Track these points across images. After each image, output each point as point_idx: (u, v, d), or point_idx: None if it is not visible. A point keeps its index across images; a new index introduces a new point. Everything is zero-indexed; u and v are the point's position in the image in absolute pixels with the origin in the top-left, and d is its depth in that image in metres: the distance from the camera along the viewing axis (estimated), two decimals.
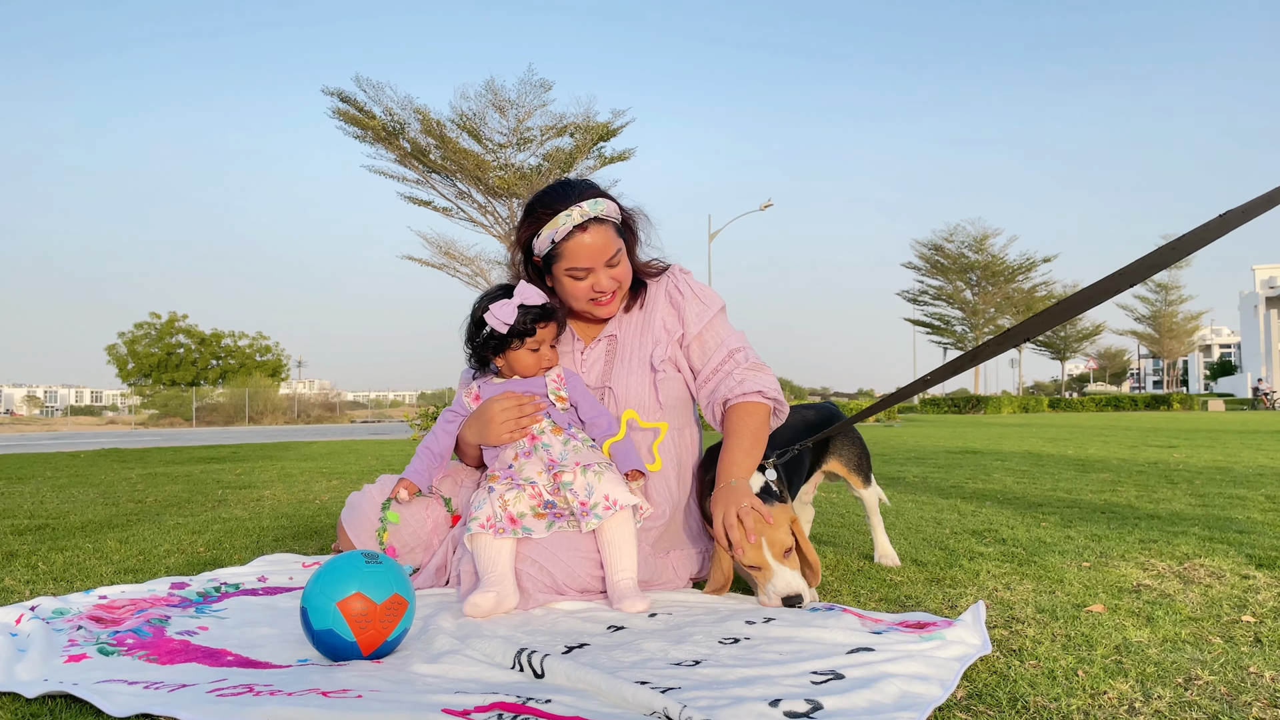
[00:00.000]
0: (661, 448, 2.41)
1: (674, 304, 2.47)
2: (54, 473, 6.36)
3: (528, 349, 2.26)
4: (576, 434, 2.27)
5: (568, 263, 2.28)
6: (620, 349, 2.45)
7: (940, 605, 2.17)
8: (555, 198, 2.29)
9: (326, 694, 1.40)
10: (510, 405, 2.24)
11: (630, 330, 2.48)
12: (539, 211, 2.29)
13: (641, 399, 2.39)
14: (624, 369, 2.41)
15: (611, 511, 2.12)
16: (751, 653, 1.68)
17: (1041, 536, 3.25)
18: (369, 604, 1.61)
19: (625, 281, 2.38)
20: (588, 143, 23.55)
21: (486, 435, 2.26)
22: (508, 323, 2.21)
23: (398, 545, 2.34)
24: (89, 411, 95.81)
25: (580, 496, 2.14)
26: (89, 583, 2.40)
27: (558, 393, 2.29)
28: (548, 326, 2.27)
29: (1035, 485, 5.32)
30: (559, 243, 2.27)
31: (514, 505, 2.11)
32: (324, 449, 10.49)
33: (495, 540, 2.06)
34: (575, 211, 2.24)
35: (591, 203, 2.26)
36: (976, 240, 52.87)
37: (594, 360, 2.46)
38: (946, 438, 12.78)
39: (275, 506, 4.19)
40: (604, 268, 2.30)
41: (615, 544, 2.12)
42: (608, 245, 2.28)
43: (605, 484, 2.15)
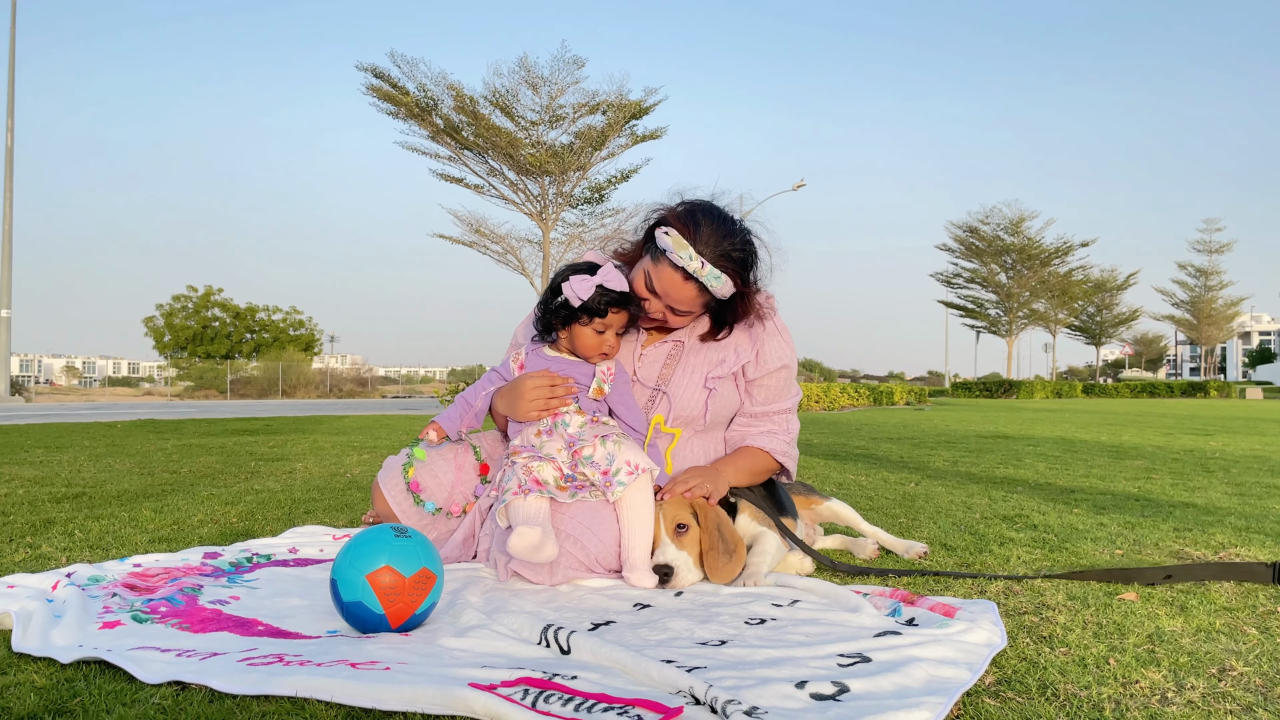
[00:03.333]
0: (675, 454, 2.43)
1: (752, 333, 2.45)
2: (91, 442, 6.47)
3: (593, 329, 2.24)
4: (600, 418, 2.27)
5: (652, 270, 2.25)
6: (685, 356, 2.44)
7: (970, 591, 2.15)
8: (709, 230, 2.20)
9: (355, 665, 1.41)
10: (542, 385, 2.25)
11: (697, 340, 2.45)
12: (691, 222, 2.21)
13: (692, 410, 2.40)
14: (684, 377, 2.41)
15: (634, 476, 2.13)
16: (777, 634, 1.68)
17: (1074, 523, 3.21)
18: (398, 577, 1.62)
19: (675, 327, 2.38)
20: (620, 120, 23.42)
21: (514, 409, 2.27)
22: (582, 298, 2.19)
23: (421, 482, 2.37)
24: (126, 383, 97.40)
25: (601, 466, 2.15)
26: (124, 551, 2.44)
27: (600, 384, 2.29)
28: (620, 314, 2.25)
29: (1067, 471, 5.25)
30: (665, 255, 2.22)
31: (539, 473, 2.13)
32: (355, 423, 10.59)
33: (530, 499, 2.08)
34: (695, 264, 2.18)
35: (714, 274, 2.19)
36: (1013, 223, 52.11)
37: (653, 360, 2.44)
38: (977, 422, 12.66)
39: (307, 479, 4.24)
40: (667, 308, 2.29)
41: (635, 510, 2.13)
42: (684, 302, 2.25)
43: (626, 451, 2.16)
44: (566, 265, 2.32)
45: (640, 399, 2.41)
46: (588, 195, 25.09)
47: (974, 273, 54.40)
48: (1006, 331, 54.20)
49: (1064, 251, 52.53)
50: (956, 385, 46.72)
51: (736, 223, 2.27)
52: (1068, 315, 58.23)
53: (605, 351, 2.28)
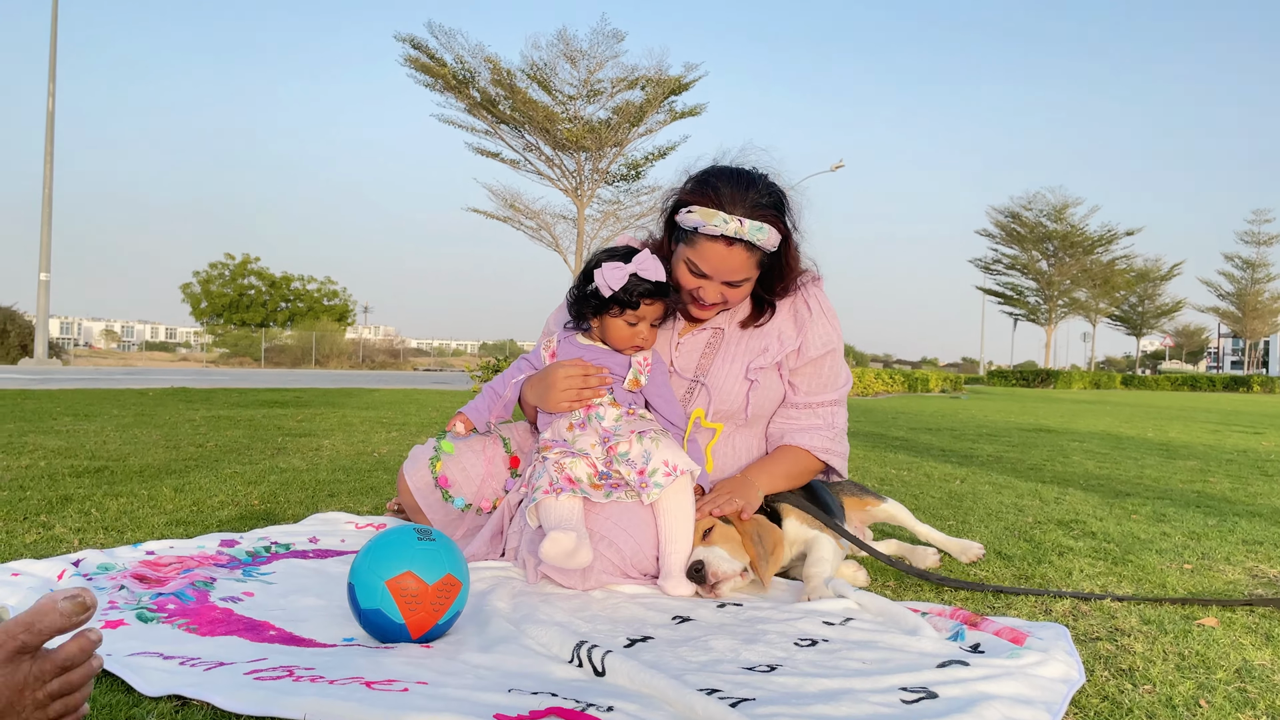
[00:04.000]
0: (716, 450, 2.27)
1: (797, 318, 2.28)
2: (120, 411, 6.44)
3: (625, 321, 2.08)
4: (637, 410, 2.13)
5: (692, 255, 2.09)
6: (725, 345, 2.28)
7: (1034, 610, 1.99)
8: (730, 189, 2.04)
9: (370, 685, 1.29)
10: (575, 374, 2.10)
11: (741, 330, 2.29)
12: (709, 191, 2.05)
13: (732, 403, 2.24)
14: (724, 367, 2.25)
15: (672, 478, 1.98)
16: (831, 659, 1.53)
17: (1134, 531, 3.04)
18: (420, 584, 1.49)
19: (735, 302, 2.19)
20: (659, 96, 23.11)
21: (545, 400, 2.13)
22: (613, 287, 2.03)
23: (450, 478, 2.24)
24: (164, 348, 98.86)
25: (638, 465, 2.00)
26: (140, 533, 2.34)
27: (636, 376, 2.13)
28: (654, 305, 2.08)
29: (1118, 470, 5.05)
30: (699, 233, 2.06)
31: (571, 469, 1.99)
32: (386, 398, 10.55)
33: (562, 499, 1.94)
34: (734, 225, 2.01)
35: (755, 226, 2.02)
36: (1056, 209, 51.14)
37: (691, 349, 2.28)
38: (1016, 413, 12.40)
39: (333, 458, 4.14)
40: (721, 283, 2.11)
41: (673, 513, 1.99)
42: (738, 270, 2.08)
43: (663, 450, 2.01)
44: (601, 250, 2.15)
45: (677, 391, 2.25)
46: (624, 172, 24.84)
47: (1014, 259, 53.55)
48: (1046, 320, 53.36)
49: (1108, 240, 51.52)
50: (992, 373, 46.09)
51: (749, 171, 2.11)
52: (1109, 305, 57.21)
53: (638, 344, 2.13)
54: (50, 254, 21.82)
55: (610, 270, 2.03)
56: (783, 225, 2.09)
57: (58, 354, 30.85)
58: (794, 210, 2.14)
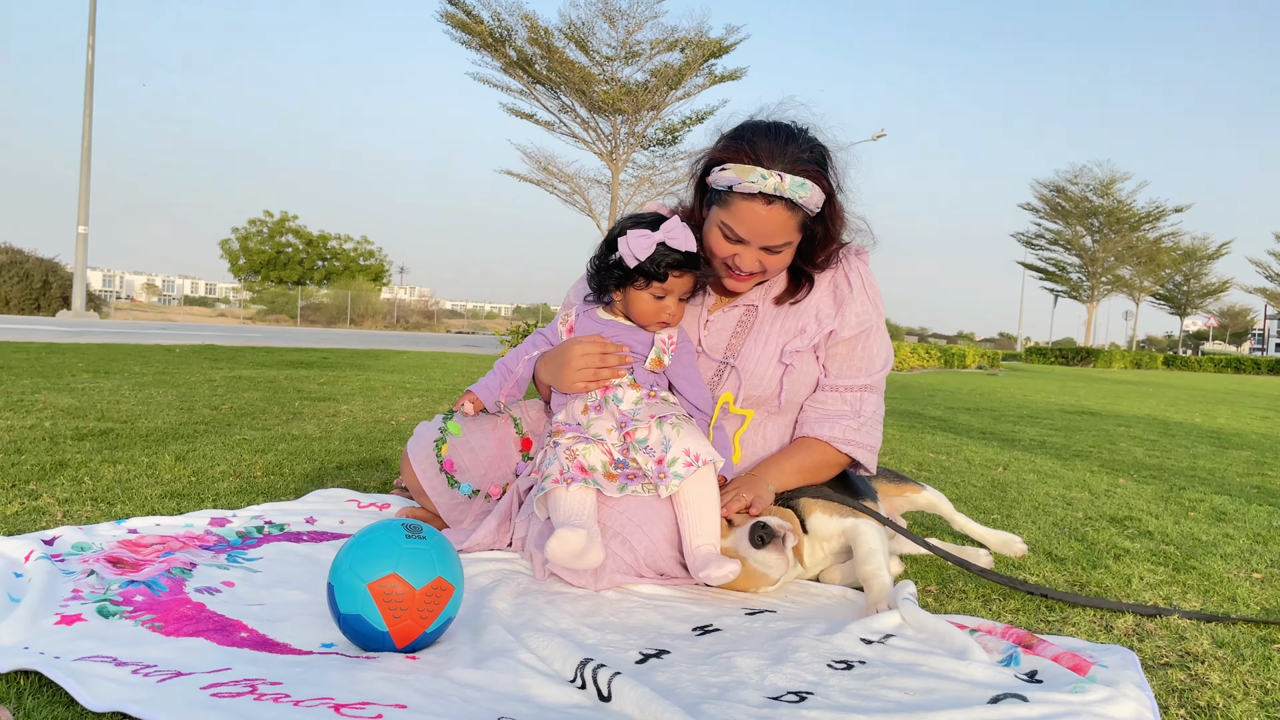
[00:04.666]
0: (745, 438, 2.07)
1: (837, 294, 2.07)
2: (141, 368, 6.35)
3: (651, 294, 1.90)
4: (659, 393, 1.94)
5: (727, 217, 1.89)
6: (758, 324, 2.07)
7: (1092, 625, 1.80)
8: (768, 143, 1.84)
9: (340, 709, 1.12)
10: (592, 352, 1.91)
11: (776, 307, 2.08)
12: (744, 146, 1.86)
13: (765, 388, 2.04)
14: (757, 349, 2.04)
15: (693, 469, 1.80)
16: (869, 686, 1.35)
17: (1194, 532, 2.82)
18: (406, 589, 1.33)
19: (774, 271, 1.98)
20: (698, 59, 22.64)
21: (559, 379, 1.95)
22: (639, 257, 1.84)
23: (456, 461, 2.07)
24: (203, 303, 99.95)
25: (656, 453, 1.82)
26: (131, 506, 2.20)
27: (660, 356, 1.94)
28: (683, 278, 1.89)
29: (1169, 459, 4.80)
30: (734, 193, 1.86)
31: (584, 457, 1.82)
32: (413, 360, 10.45)
33: (573, 490, 1.77)
34: (773, 180, 1.81)
35: (797, 182, 1.82)
36: (1103, 184, 49.85)
37: (722, 327, 2.09)
38: (1056, 392, 12.06)
39: (349, 425, 4.00)
40: (758, 249, 1.91)
41: (694, 505, 1.81)
42: (778, 232, 1.88)
43: (685, 437, 1.83)
44: (627, 216, 1.96)
45: (705, 373, 2.06)
46: (660, 136, 24.45)
47: (1058, 234, 52.41)
48: (1088, 297, 52.30)
49: (1155, 217, 50.23)
50: (1030, 350, 45.28)
51: (789, 125, 1.89)
52: (1153, 283, 55.95)
53: (664, 320, 1.93)
54: (88, 207, 21.96)
55: (636, 238, 1.84)
56: (826, 183, 1.88)
57: (97, 307, 31.17)
58: (838, 169, 1.93)
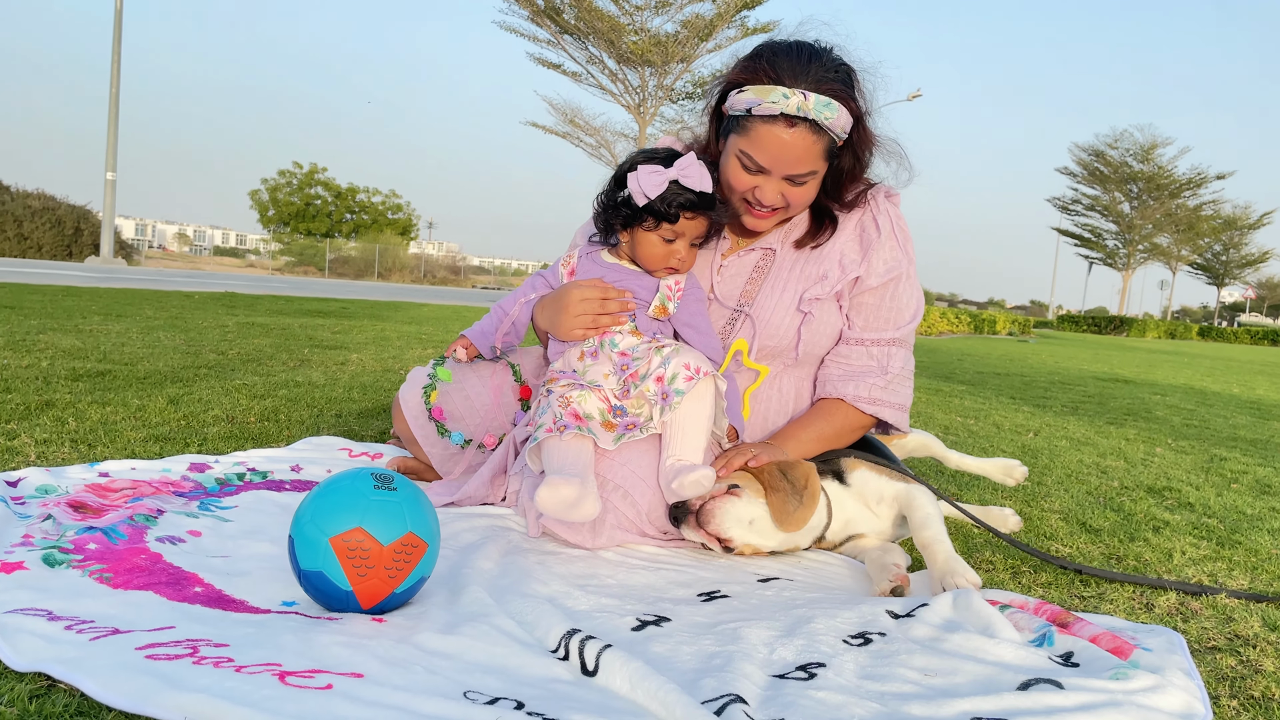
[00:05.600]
0: (755, 395, 1.92)
1: (863, 237, 1.90)
2: (154, 313, 6.27)
3: (660, 236, 1.75)
4: (661, 339, 1.79)
5: (747, 145, 1.72)
6: (776, 269, 1.90)
7: (1131, 603, 1.65)
8: (789, 65, 1.68)
9: (285, 677, 1.00)
10: (592, 297, 1.76)
11: (795, 251, 1.91)
12: (764, 67, 1.70)
13: (781, 338, 1.88)
14: (773, 296, 1.88)
15: (694, 381, 1.65)
16: (886, 665, 1.21)
17: (1237, 504, 2.65)
18: (373, 544, 1.20)
19: (798, 206, 1.81)
20: (730, 10, 22.12)
21: (556, 325, 1.80)
22: (649, 195, 1.69)
23: (448, 408, 1.94)
24: (233, 253, 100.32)
25: (656, 372, 1.68)
26: (112, 449, 2.10)
27: (664, 303, 1.79)
28: (695, 220, 1.74)
29: (1207, 429, 4.61)
30: (754, 116, 1.70)
31: (579, 404, 1.67)
32: (433, 313, 10.34)
33: (567, 439, 1.62)
34: (795, 100, 1.65)
35: (822, 102, 1.66)
36: (1144, 149, 48.68)
37: (736, 272, 1.92)
38: (1089, 360, 11.78)
39: (356, 374, 3.89)
40: (781, 179, 1.74)
41: (679, 424, 1.66)
42: (803, 159, 1.71)
43: (684, 354, 1.69)
44: (639, 151, 1.80)
45: (717, 322, 1.90)
46: (690, 90, 24.00)
47: (1095, 200, 51.37)
48: (1123, 265, 51.34)
49: (1196, 184, 49.05)
50: (1062, 318, 44.55)
51: (811, 44, 1.73)
52: (1191, 252, 54.79)
53: (673, 266, 1.78)
54: (116, 154, 21.94)
55: (647, 175, 1.69)
56: (854, 104, 1.71)
57: (127, 255, 31.32)
58: (867, 93, 1.75)
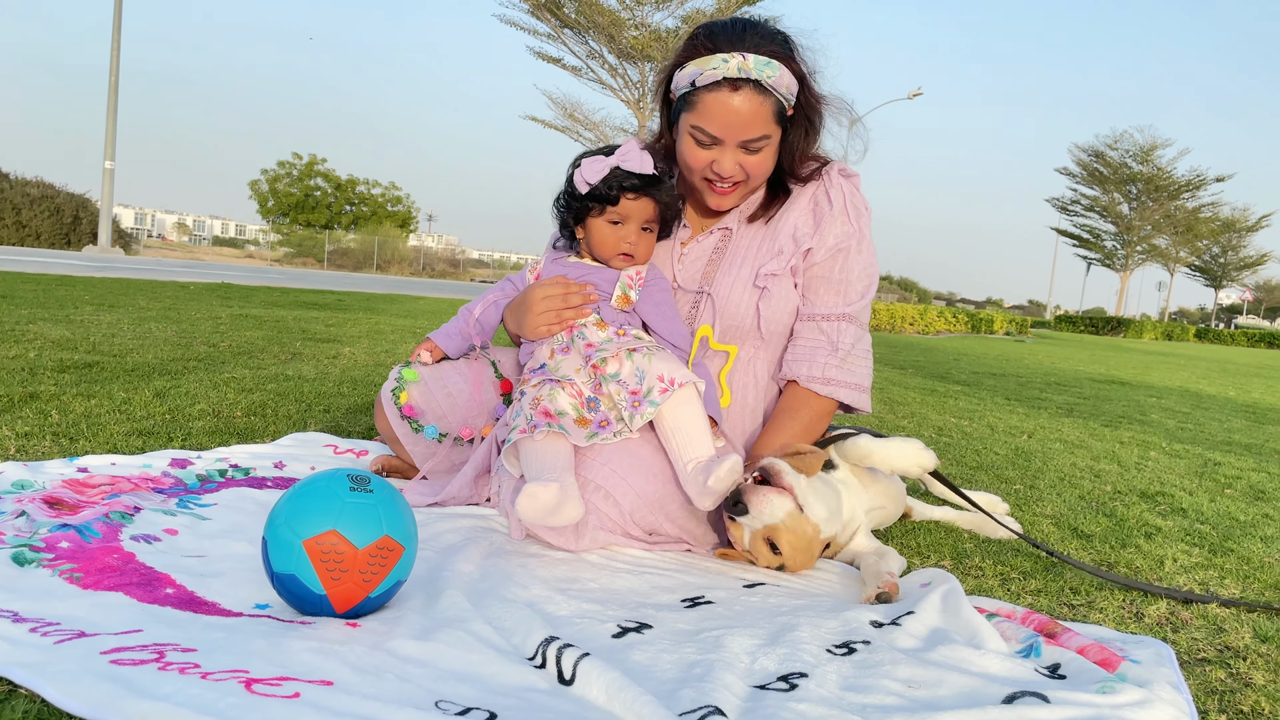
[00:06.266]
0: (732, 377, 1.90)
1: (816, 211, 1.90)
2: (148, 303, 6.23)
3: (607, 220, 1.78)
4: (629, 330, 1.79)
5: (697, 119, 1.74)
6: (733, 248, 1.91)
7: (1121, 612, 1.63)
8: (724, 33, 1.72)
9: (251, 684, 0.98)
10: (554, 293, 1.78)
11: (751, 227, 1.92)
12: (700, 40, 1.74)
13: (741, 317, 1.87)
14: (729, 275, 1.88)
15: (669, 393, 1.64)
16: (869, 676, 1.19)
17: (1230, 510, 2.64)
18: (347, 547, 1.17)
19: (757, 176, 1.82)
20: (732, 5, 22.07)
21: (522, 324, 1.82)
22: (590, 182, 1.74)
23: (427, 404, 1.92)
24: (232, 244, 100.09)
25: (630, 385, 1.66)
26: (93, 443, 2.07)
27: (626, 292, 1.80)
28: (639, 200, 1.76)
29: (1202, 433, 4.59)
30: (699, 89, 1.72)
31: (550, 401, 1.65)
32: (429, 306, 10.32)
33: (539, 438, 1.60)
34: (735, 60, 1.67)
35: (762, 61, 1.68)
36: (1143, 150, 48.69)
37: (696, 257, 1.93)
38: (1085, 361, 11.77)
39: (347, 368, 3.87)
40: (735, 147, 1.74)
41: (680, 428, 1.64)
42: (753, 122, 1.71)
43: (659, 364, 1.67)
44: (585, 150, 1.84)
45: (682, 307, 1.91)
46: None
47: (1094, 201, 51.40)
48: (1121, 266, 51.38)
49: (1196, 185, 49.08)
50: (1059, 318, 44.56)
51: (744, 17, 1.79)
52: (1189, 254, 54.84)
53: (626, 251, 1.79)
54: (115, 143, 21.88)
55: (589, 165, 1.75)
56: (796, 65, 1.75)
57: (126, 244, 31.22)
58: (808, 60, 1.79)
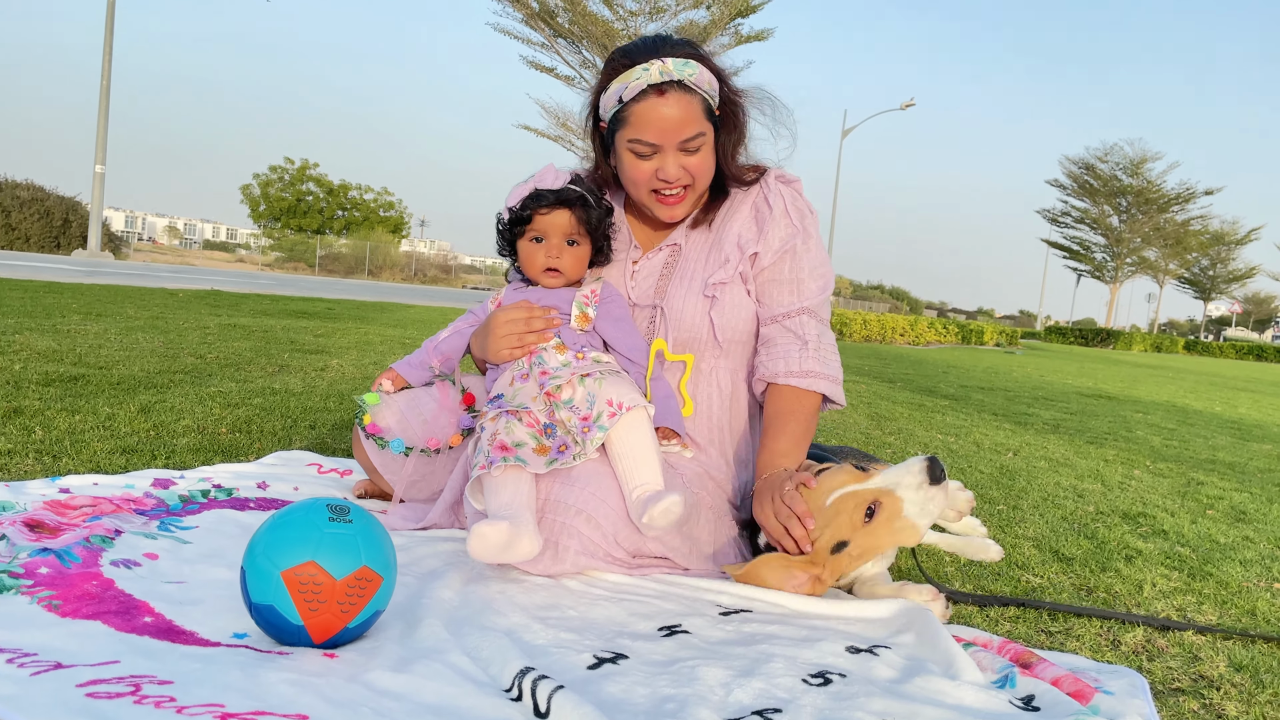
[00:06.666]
0: (695, 387, 1.92)
1: (758, 217, 1.94)
2: (136, 312, 6.21)
3: (530, 239, 1.84)
4: (588, 354, 1.80)
5: (632, 132, 1.78)
6: (683, 262, 1.94)
7: (1098, 640, 1.64)
8: (639, 48, 1.78)
9: (226, 718, 0.98)
10: (516, 318, 1.80)
11: (697, 240, 1.96)
12: (617, 60, 1.80)
13: (694, 328, 1.89)
14: (681, 287, 1.91)
15: (617, 417, 1.66)
16: (844, 709, 1.20)
17: (1212, 533, 2.66)
18: (325, 578, 1.18)
19: (702, 178, 1.85)
20: (725, 17, 22.16)
21: (486, 349, 1.85)
22: (510, 206, 1.82)
23: (392, 421, 1.95)
24: (223, 248, 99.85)
25: (581, 411, 1.69)
26: (77, 461, 2.07)
27: (583, 310, 1.83)
28: (551, 213, 1.81)
29: (1187, 449, 4.62)
30: (627, 103, 1.77)
31: (507, 434, 1.66)
32: (419, 315, 10.31)
33: (495, 471, 1.60)
34: (655, 66, 1.73)
35: (680, 62, 1.75)
36: (1133, 163, 49.04)
37: (648, 273, 1.96)
38: (1074, 374, 11.84)
39: (334, 381, 3.87)
40: (675, 150, 1.78)
41: (627, 454, 1.66)
42: (686, 122, 1.76)
43: (608, 388, 1.69)
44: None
45: (640, 324, 1.93)
46: None
47: (1084, 213, 51.73)
48: (1111, 278, 51.67)
49: (1185, 198, 49.43)
50: (1049, 329, 44.75)
51: (652, 35, 1.85)
52: (1179, 266, 55.18)
53: (551, 266, 1.83)
54: (106, 147, 21.82)
55: (513, 193, 1.83)
56: (711, 64, 1.82)
57: (115, 248, 31.13)
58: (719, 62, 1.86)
